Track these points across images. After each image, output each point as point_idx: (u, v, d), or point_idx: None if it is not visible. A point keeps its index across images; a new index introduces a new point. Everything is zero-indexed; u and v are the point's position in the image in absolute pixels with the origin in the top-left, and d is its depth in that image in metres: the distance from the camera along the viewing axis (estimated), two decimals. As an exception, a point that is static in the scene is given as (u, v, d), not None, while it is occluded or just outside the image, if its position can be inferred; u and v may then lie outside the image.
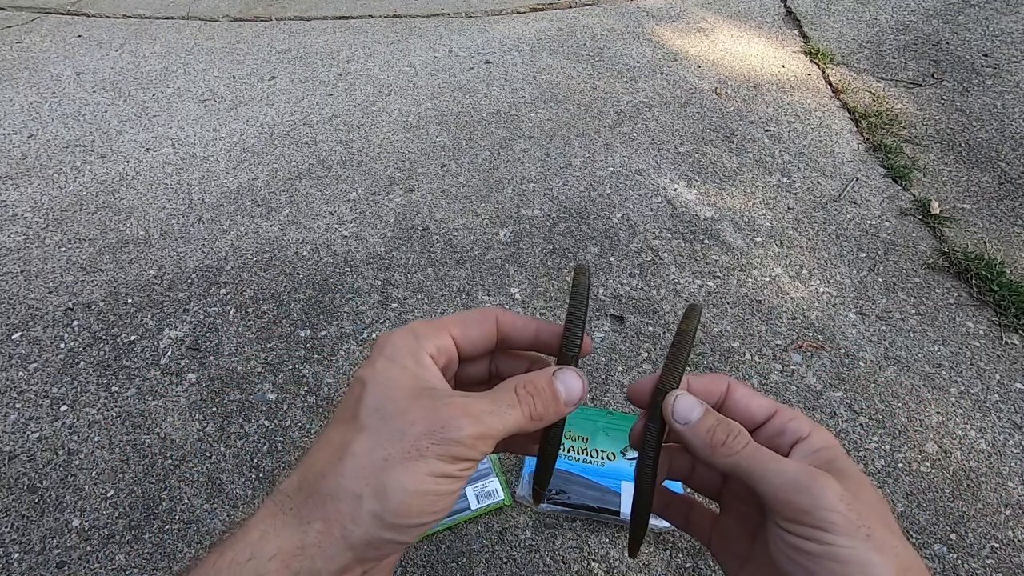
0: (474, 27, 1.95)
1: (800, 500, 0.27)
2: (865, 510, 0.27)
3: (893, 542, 0.27)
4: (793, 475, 0.28)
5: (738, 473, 0.30)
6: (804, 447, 0.31)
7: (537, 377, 0.32)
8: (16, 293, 1.07)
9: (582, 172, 1.32)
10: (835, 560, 0.26)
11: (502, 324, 0.34)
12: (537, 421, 0.31)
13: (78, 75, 1.74)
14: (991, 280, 1.03)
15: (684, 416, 0.32)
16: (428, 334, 0.32)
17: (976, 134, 1.41)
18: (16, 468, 0.82)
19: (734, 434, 0.31)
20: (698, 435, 0.31)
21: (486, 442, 0.29)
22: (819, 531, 0.27)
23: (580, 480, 0.76)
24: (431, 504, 0.27)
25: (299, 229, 1.19)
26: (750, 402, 0.34)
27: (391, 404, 0.29)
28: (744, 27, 1.89)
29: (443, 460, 0.27)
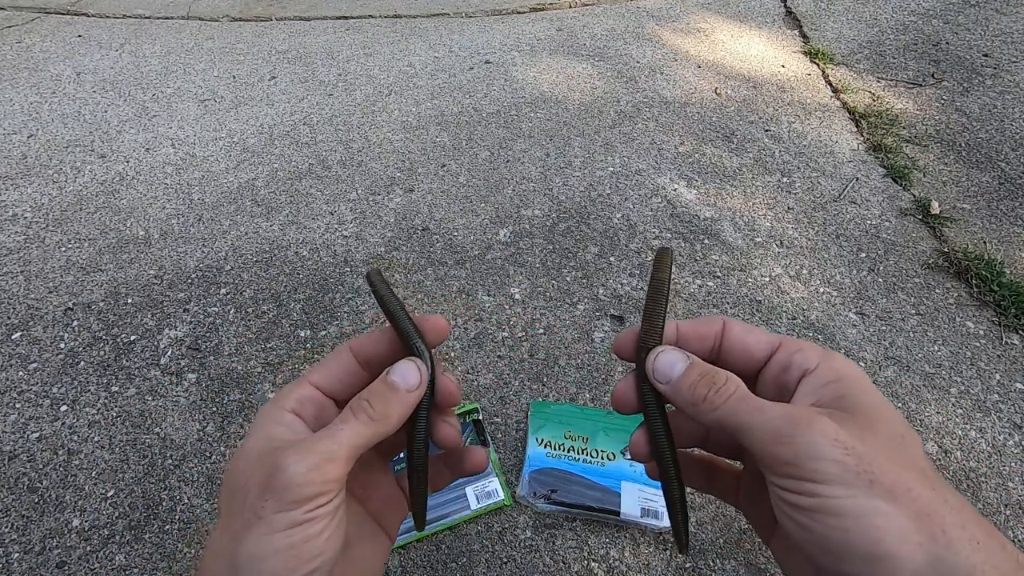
0: (474, 27, 1.95)
1: (784, 450, 0.24)
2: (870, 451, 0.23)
3: (909, 484, 0.23)
4: (775, 423, 0.25)
5: (724, 429, 0.27)
6: (811, 382, 0.28)
7: (373, 383, 0.30)
8: (16, 293, 1.07)
9: (582, 172, 1.32)
10: (830, 513, 0.23)
11: (356, 350, 0.33)
12: (383, 420, 0.29)
13: (78, 75, 1.74)
14: (991, 280, 1.03)
15: (665, 374, 0.29)
16: (285, 392, 0.31)
17: (976, 134, 1.41)
18: (16, 468, 0.82)
19: (717, 386, 0.27)
20: (681, 393, 0.29)
21: (323, 470, 0.26)
22: (808, 483, 0.23)
23: (580, 480, 0.76)
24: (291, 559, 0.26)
25: (299, 229, 1.19)
26: (747, 339, 0.31)
27: (238, 479, 0.27)
28: (744, 27, 1.89)
29: (283, 511, 0.25)
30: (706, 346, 0.32)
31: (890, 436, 0.25)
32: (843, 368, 0.28)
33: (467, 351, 0.95)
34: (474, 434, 0.82)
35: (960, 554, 0.21)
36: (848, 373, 0.27)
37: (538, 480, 0.76)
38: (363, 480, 0.33)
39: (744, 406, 0.27)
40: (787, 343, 0.30)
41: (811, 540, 0.24)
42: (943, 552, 0.21)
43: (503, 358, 0.94)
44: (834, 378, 0.27)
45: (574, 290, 1.05)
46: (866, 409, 0.25)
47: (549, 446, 0.80)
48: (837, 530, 0.23)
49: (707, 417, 0.28)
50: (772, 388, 0.31)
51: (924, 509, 0.22)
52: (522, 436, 0.84)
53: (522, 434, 0.84)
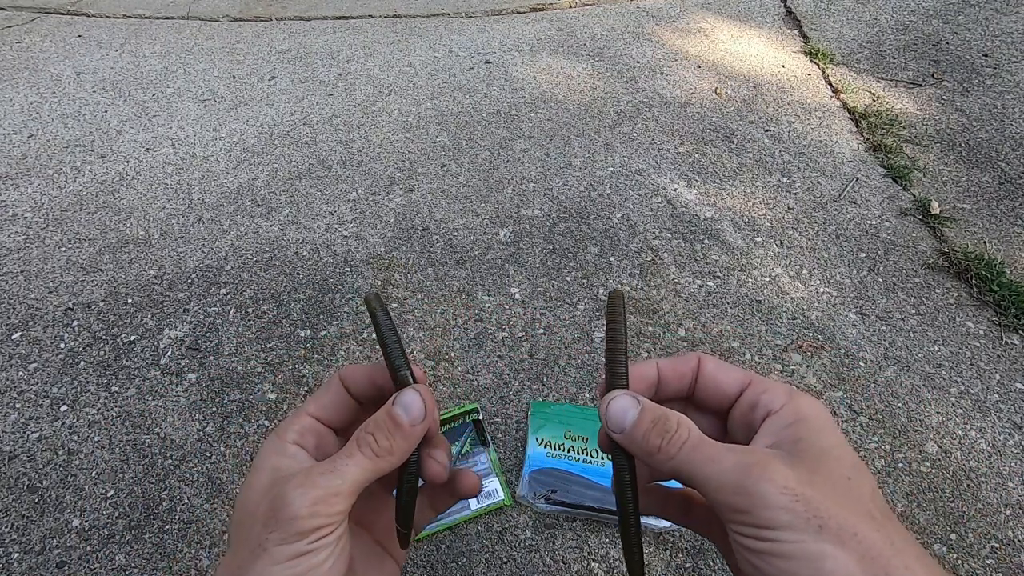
0: (474, 27, 1.95)
1: (737, 500, 0.25)
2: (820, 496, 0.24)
3: (856, 527, 0.24)
4: (729, 475, 0.26)
5: (680, 480, 0.28)
6: (773, 423, 0.29)
7: (377, 414, 0.30)
8: (16, 293, 1.07)
9: (582, 172, 1.32)
10: (779, 556, 0.24)
11: (347, 380, 0.33)
12: (387, 456, 0.29)
13: (78, 75, 1.74)
14: (991, 280, 1.03)
15: (618, 423, 0.29)
16: (286, 425, 0.32)
17: (976, 134, 1.41)
18: (16, 468, 0.82)
19: (669, 434, 0.28)
20: (635, 443, 0.29)
21: (328, 503, 0.27)
22: (762, 529, 0.25)
23: (580, 480, 0.76)
24: None
25: (299, 229, 1.19)
26: (719, 376, 0.32)
27: (245, 511, 0.28)
28: (744, 27, 1.89)
29: (286, 543, 0.26)
30: (684, 384, 0.33)
31: (839, 478, 0.26)
32: (804, 410, 0.29)
33: (467, 351, 0.95)
34: (474, 434, 0.82)
35: None
36: (808, 415, 0.28)
37: (538, 480, 0.76)
38: (367, 508, 0.34)
39: (698, 455, 0.27)
40: (756, 382, 0.31)
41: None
42: None
43: (503, 358, 0.94)
44: (794, 420, 0.28)
45: (574, 290, 1.05)
46: (818, 452, 0.27)
47: (549, 446, 0.80)
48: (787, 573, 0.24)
49: (664, 467, 0.28)
50: (740, 425, 0.31)
51: (869, 552, 0.23)
52: (522, 436, 0.84)
53: (522, 434, 0.84)
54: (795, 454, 0.26)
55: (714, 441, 0.28)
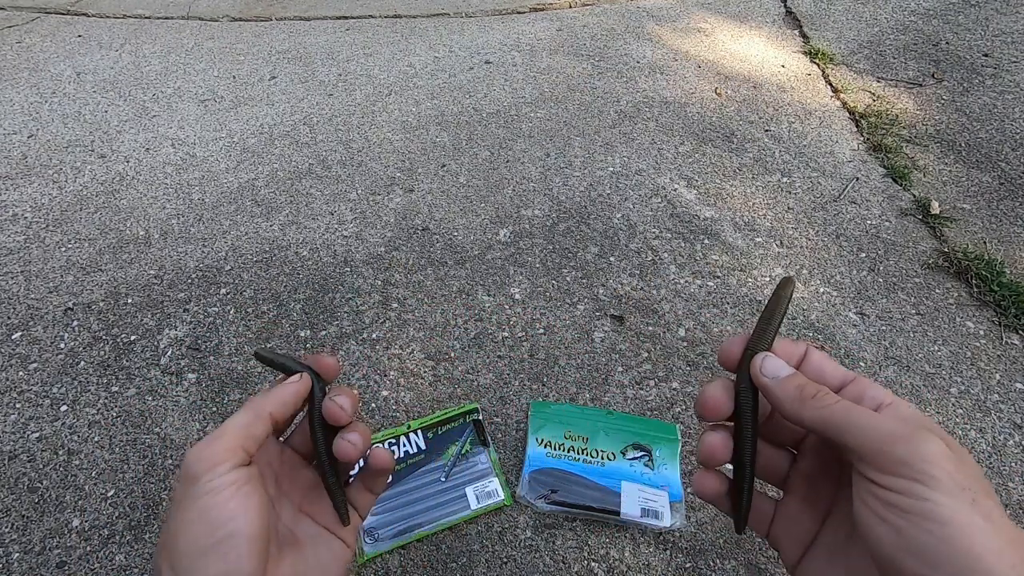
0: (474, 27, 1.95)
1: (900, 449, 0.25)
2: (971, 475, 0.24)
3: (1000, 513, 0.24)
4: (891, 426, 0.26)
5: (829, 426, 0.28)
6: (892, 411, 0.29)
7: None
8: (16, 293, 1.07)
9: (582, 172, 1.32)
10: (933, 519, 0.23)
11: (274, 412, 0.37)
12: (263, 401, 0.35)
13: (78, 75, 1.74)
14: (991, 280, 1.03)
15: (773, 371, 0.32)
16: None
17: (976, 134, 1.41)
18: (16, 468, 0.82)
19: (825, 390, 0.30)
20: (787, 389, 0.31)
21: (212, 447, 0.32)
22: (918, 484, 0.24)
23: (580, 480, 0.76)
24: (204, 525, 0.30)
25: (299, 229, 1.19)
26: (825, 367, 0.33)
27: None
28: (744, 27, 1.89)
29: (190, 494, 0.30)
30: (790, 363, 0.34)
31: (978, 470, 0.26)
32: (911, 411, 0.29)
33: (467, 351, 0.95)
34: (474, 434, 0.82)
35: None
36: (920, 413, 0.29)
37: (538, 480, 0.76)
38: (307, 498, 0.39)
39: (858, 409, 0.28)
40: (861, 379, 0.32)
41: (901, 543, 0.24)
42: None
43: (503, 358, 0.94)
44: (912, 414, 0.29)
45: (574, 290, 1.05)
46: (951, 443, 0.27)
47: (549, 446, 0.80)
48: (937, 537, 0.23)
49: (812, 413, 0.29)
50: None
51: (1014, 536, 0.23)
52: (522, 436, 0.84)
53: (522, 434, 0.84)
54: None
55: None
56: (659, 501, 0.74)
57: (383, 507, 0.74)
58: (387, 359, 0.94)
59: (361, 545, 0.71)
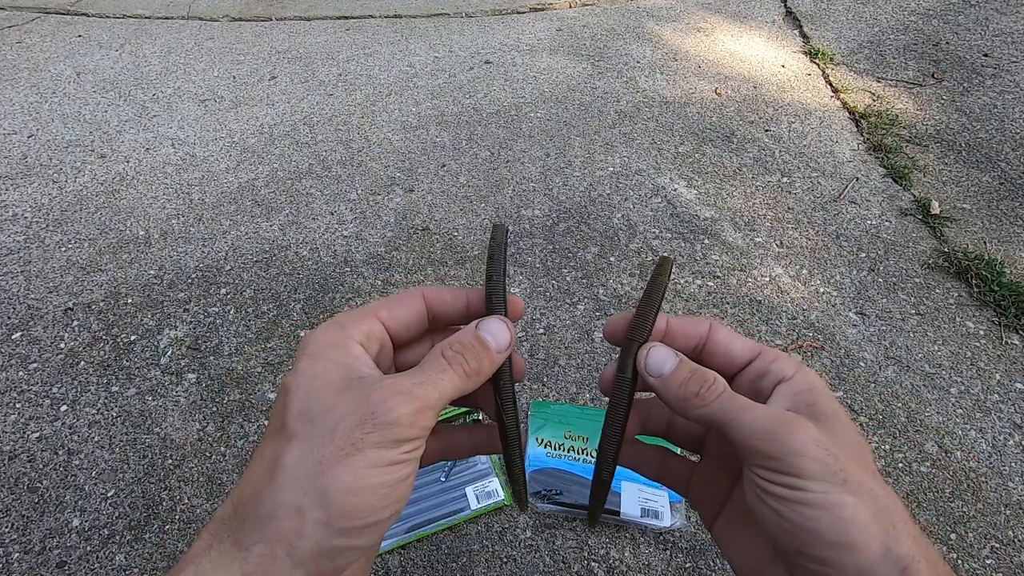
0: (474, 27, 1.95)
1: (771, 447, 0.27)
2: (842, 453, 0.26)
3: (871, 484, 0.26)
4: (765, 422, 0.27)
5: (712, 423, 0.29)
6: (786, 388, 0.30)
7: (462, 335, 0.30)
8: (16, 293, 1.07)
9: (582, 172, 1.32)
10: (806, 504, 0.26)
11: (430, 300, 0.33)
12: (474, 377, 0.30)
13: (78, 75, 1.74)
14: (991, 280, 1.03)
15: (657, 369, 0.31)
16: (354, 322, 0.30)
17: (976, 134, 1.41)
18: (16, 468, 0.82)
19: (707, 384, 0.30)
20: (671, 388, 0.30)
21: (425, 415, 0.27)
22: (791, 477, 0.26)
23: (580, 480, 0.76)
24: (382, 498, 0.26)
25: (299, 229, 1.19)
26: (731, 344, 0.33)
27: (317, 403, 0.27)
28: (744, 27, 1.89)
29: (383, 447, 0.26)
30: (691, 344, 0.34)
31: (852, 441, 0.28)
32: (813, 379, 0.31)
33: (467, 351, 0.95)
34: (474, 434, 0.82)
35: (903, 546, 0.25)
36: (818, 384, 0.30)
37: (538, 480, 0.76)
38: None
39: (735, 404, 0.29)
40: (766, 352, 0.33)
41: (782, 526, 0.26)
42: (892, 544, 0.25)
43: (503, 358, 0.94)
44: (807, 388, 0.30)
45: (574, 290, 1.05)
46: (830, 416, 0.29)
47: (549, 446, 0.80)
48: (810, 519, 0.25)
49: (696, 412, 0.30)
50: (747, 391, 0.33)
51: (881, 507, 0.26)
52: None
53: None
54: (816, 418, 0.28)
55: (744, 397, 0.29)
56: (659, 501, 0.74)
57: (383, 507, 0.74)
58: (387, 359, 0.94)
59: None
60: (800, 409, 0.29)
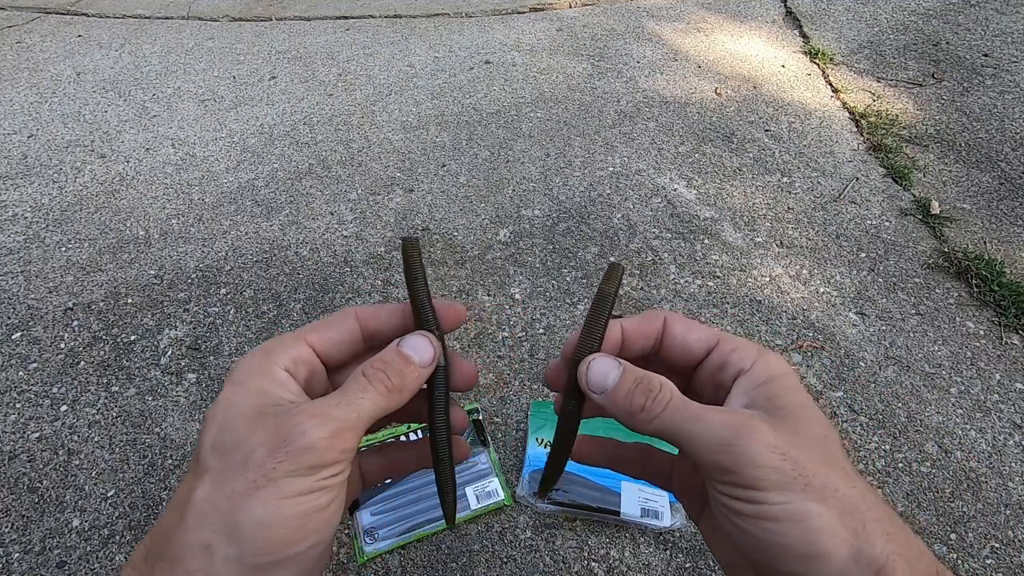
0: (474, 27, 1.95)
1: (726, 459, 0.25)
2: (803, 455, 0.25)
3: (836, 484, 0.24)
4: (717, 433, 0.25)
5: (664, 438, 0.27)
6: (744, 382, 0.28)
7: (384, 352, 0.30)
8: (16, 293, 1.07)
9: (582, 172, 1.32)
10: (767, 519, 0.24)
11: (364, 319, 0.32)
12: (397, 393, 0.28)
13: (78, 75, 1.74)
14: (991, 280, 1.03)
15: (599, 384, 0.29)
16: (280, 348, 0.29)
17: (976, 134, 1.41)
18: (16, 468, 0.82)
19: (653, 394, 0.27)
20: (616, 404, 0.28)
21: (343, 437, 0.26)
22: (749, 490, 0.24)
23: (580, 480, 0.76)
24: (298, 529, 0.25)
25: (299, 229, 1.19)
26: (687, 336, 0.31)
27: (231, 434, 0.26)
28: (744, 27, 1.89)
29: (297, 476, 0.24)
30: (648, 344, 0.32)
31: (815, 437, 0.26)
32: (775, 368, 0.28)
33: (467, 351, 0.95)
34: (474, 434, 0.82)
35: (876, 546, 0.23)
36: (778, 373, 0.28)
37: (538, 480, 0.76)
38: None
39: (682, 415, 0.27)
40: (724, 341, 0.30)
41: (750, 542, 0.25)
42: (863, 545, 0.23)
43: (503, 358, 0.94)
44: (766, 379, 0.28)
45: (574, 290, 1.05)
46: (794, 410, 0.27)
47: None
48: (775, 534, 0.24)
49: (645, 427, 0.28)
50: (708, 385, 0.31)
51: (848, 507, 0.24)
52: (522, 436, 0.84)
53: (522, 434, 0.84)
54: (773, 414, 0.26)
55: (696, 402, 0.27)
56: (659, 501, 0.74)
57: (383, 507, 0.74)
58: (387, 359, 0.94)
59: (361, 545, 0.71)
60: (759, 404, 0.27)
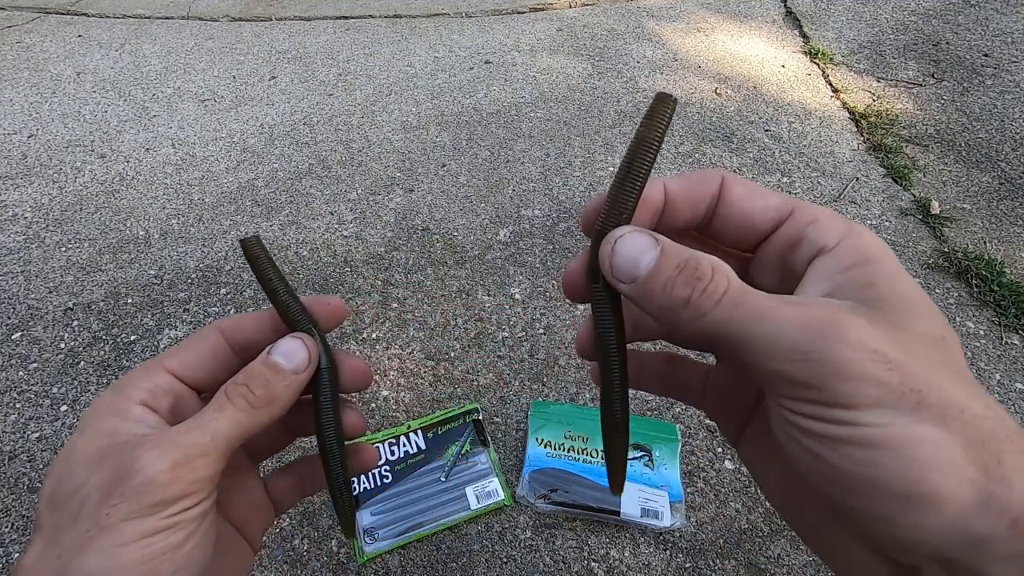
0: (474, 27, 1.95)
1: (802, 371, 0.18)
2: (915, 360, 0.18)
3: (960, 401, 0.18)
4: (791, 335, 0.19)
5: (715, 341, 0.21)
6: (827, 263, 0.21)
7: (251, 364, 0.26)
8: (16, 293, 1.07)
9: (582, 172, 1.32)
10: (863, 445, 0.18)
11: (229, 332, 0.28)
12: (266, 406, 0.25)
13: (78, 75, 1.74)
14: (991, 280, 1.03)
15: (628, 270, 0.22)
16: (134, 381, 0.26)
17: (976, 134, 1.41)
18: (16, 468, 0.82)
19: (703, 284, 0.20)
20: (652, 296, 0.21)
21: (191, 466, 0.22)
22: (836, 409, 0.18)
23: (580, 480, 0.76)
24: (149, 573, 0.21)
25: (299, 229, 1.19)
26: (751, 203, 0.24)
27: (67, 484, 0.23)
28: (744, 27, 1.89)
29: (136, 517, 0.21)
30: (699, 212, 0.25)
31: (932, 337, 0.19)
32: (871, 247, 0.21)
33: (467, 351, 0.95)
34: (474, 434, 0.82)
35: (1016, 488, 0.17)
36: (877, 254, 0.21)
37: (538, 480, 0.76)
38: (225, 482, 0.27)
39: (742, 311, 0.20)
40: (800, 210, 0.23)
41: (830, 476, 0.19)
42: (997, 488, 0.17)
43: (503, 358, 0.94)
44: (859, 260, 0.21)
45: (574, 290, 1.05)
46: (900, 303, 0.20)
47: (549, 446, 0.80)
48: (869, 465, 0.18)
49: (690, 327, 0.21)
50: (774, 269, 0.24)
51: (978, 434, 0.17)
52: (522, 436, 0.84)
53: (522, 434, 0.84)
54: (873, 306, 0.20)
55: (762, 292, 0.20)
56: (659, 501, 0.74)
57: (383, 507, 0.74)
58: (387, 359, 0.94)
59: (361, 545, 0.71)
60: (849, 292, 0.20)
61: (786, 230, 0.23)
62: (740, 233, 0.25)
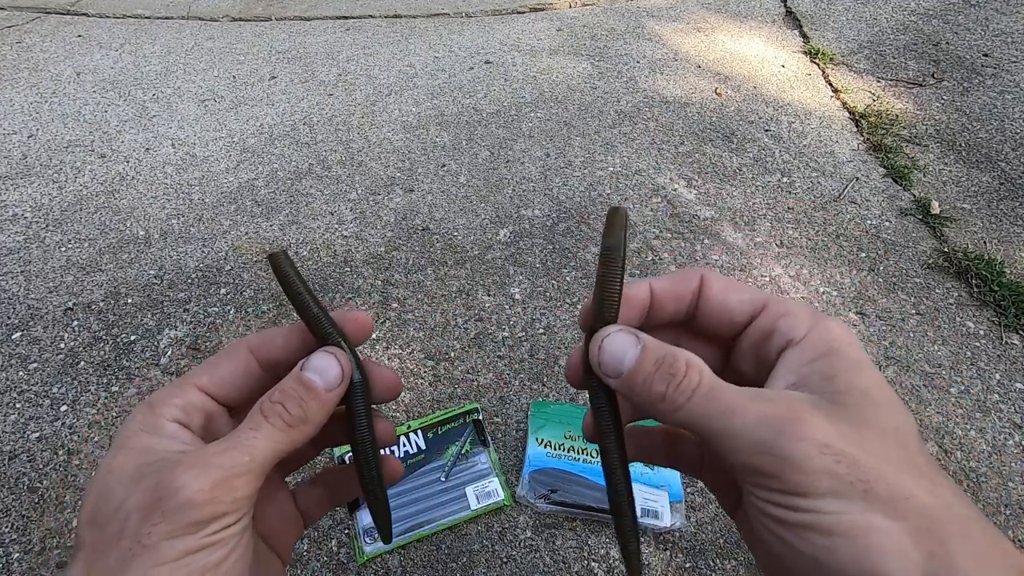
0: (474, 27, 1.95)
1: (764, 463, 0.21)
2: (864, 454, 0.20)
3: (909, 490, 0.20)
4: (753, 431, 0.21)
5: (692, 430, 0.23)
6: (794, 356, 0.24)
7: (284, 381, 0.26)
8: (16, 293, 1.07)
9: (582, 172, 1.32)
10: (819, 531, 0.20)
11: (257, 349, 0.29)
12: (302, 425, 0.25)
13: (78, 75, 1.74)
14: (991, 280, 1.03)
15: (614, 367, 0.24)
16: (166, 398, 0.26)
17: (976, 134, 1.41)
18: (16, 468, 0.82)
19: (676, 380, 0.23)
20: (635, 391, 0.24)
21: (229, 486, 0.23)
22: (795, 497, 0.20)
23: (580, 480, 0.76)
24: None
25: (299, 229, 1.19)
26: (728, 298, 0.26)
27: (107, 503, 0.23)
28: (744, 27, 1.89)
29: (176, 537, 0.22)
30: (682, 307, 0.28)
31: (886, 429, 0.21)
32: (834, 339, 0.23)
33: (467, 351, 0.95)
34: (474, 434, 0.82)
35: (960, 570, 0.19)
36: (839, 345, 0.23)
37: (538, 480, 0.76)
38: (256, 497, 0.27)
39: (712, 406, 0.22)
40: (773, 304, 0.25)
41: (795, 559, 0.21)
42: (941, 571, 0.19)
43: (503, 358, 0.94)
44: (823, 352, 0.23)
45: (574, 290, 1.05)
46: (858, 396, 0.22)
47: (549, 446, 0.80)
48: (826, 550, 0.20)
49: (669, 418, 0.23)
50: (751, 358, 0.27)
51: (924, 520, 0.19)
52: (522, 436, 0.84)
53: (522, 434, 0.84)
54: (832, 399, 0.22)
55: (732, 386, 0.23)
56: (659, 501, 0.74)
57: (383, 507, 0.74)
58: (387, 359, 0.94)
59: (361, 545, 0.71)
60: (812, 384, 0.22)
61: (760, 323, 0.26)
62: (720, 325, 0.27)
